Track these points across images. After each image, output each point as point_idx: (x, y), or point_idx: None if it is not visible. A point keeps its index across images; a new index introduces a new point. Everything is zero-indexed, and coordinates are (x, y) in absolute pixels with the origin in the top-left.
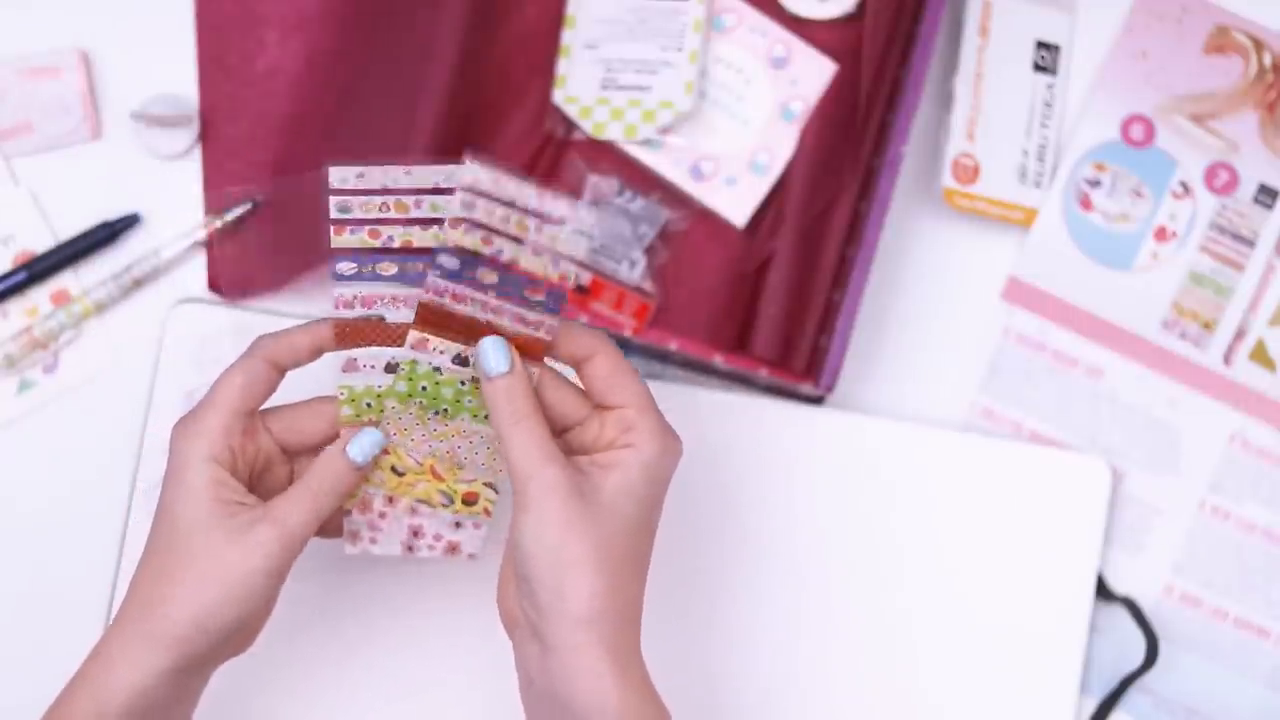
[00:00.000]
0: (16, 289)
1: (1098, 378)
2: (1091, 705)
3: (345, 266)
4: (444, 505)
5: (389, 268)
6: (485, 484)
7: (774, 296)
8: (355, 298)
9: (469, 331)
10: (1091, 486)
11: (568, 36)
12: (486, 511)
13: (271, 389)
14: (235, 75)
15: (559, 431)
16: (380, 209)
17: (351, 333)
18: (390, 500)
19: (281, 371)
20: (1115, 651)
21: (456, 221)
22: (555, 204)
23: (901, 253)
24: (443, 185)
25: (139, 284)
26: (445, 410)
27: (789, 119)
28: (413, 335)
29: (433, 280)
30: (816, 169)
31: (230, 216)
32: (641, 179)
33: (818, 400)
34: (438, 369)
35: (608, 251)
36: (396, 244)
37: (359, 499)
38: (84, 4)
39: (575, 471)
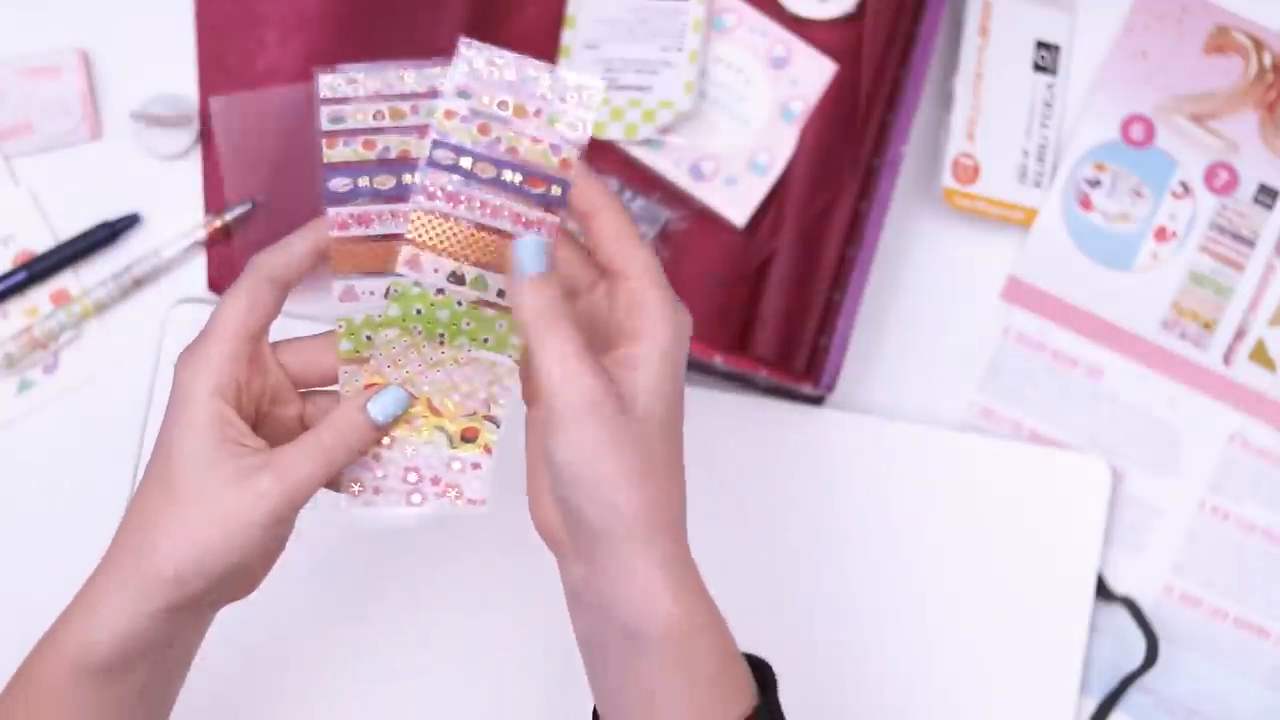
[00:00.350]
0: (16, 289)
1: (1098, 378)
2: (1092, 705)
3: (339, 183)
4: (442, 443)
5: (386, 181)
6: (485, 417)
7: (774, 296)
8: (351, 216)
9: (465, 246)
10: (1091, 486)
11: (568, 36)
12: (486, 449)
13: (276, 309)
14: (235, 75)
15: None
16: (375, 117)
17: (348, 256)
18: (383, 443)
19: (283, 287)
20: (1115, 651)
21: (450, 114)
22: (557, 82)
23: (901, 253)
24: (442, 88)
25: (139, 284)
26: (442, 336)
27: (789, 119)
28: (405, 251)
29: (425, 178)
30: (816, 169)
31: (230, 216)
32: (641, 179)
33: (818, 400)
34: (440, 290)
35: None
36: (394, 154)
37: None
38: (84, 4)
39: (608, 380)
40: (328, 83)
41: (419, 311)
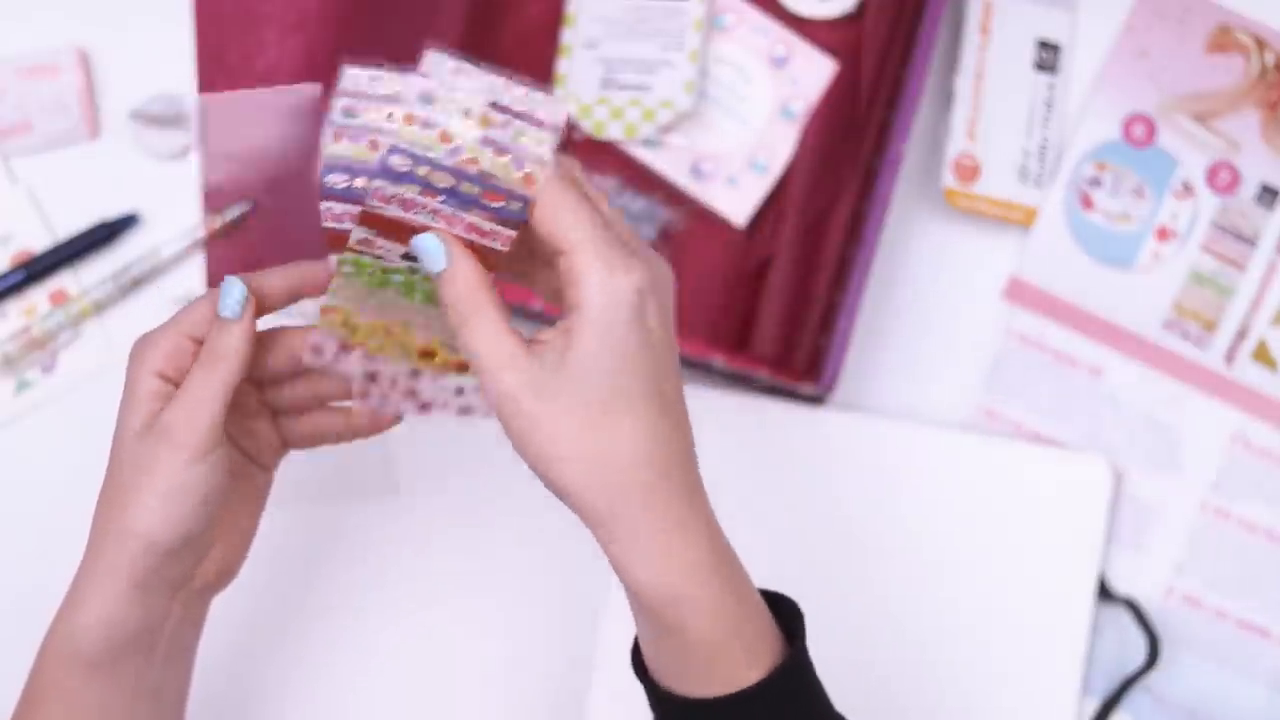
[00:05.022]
0: (15, 289)
1: (1099, 377)
2: (1093, 706)
3: (336, 178)
4: (402, 358)
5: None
6: (442, 343)
7: (774, 296)
8: (345, 213)
9: (414, 233)
10: (1093, 486)
11: (568, 36)
12: (458, 367)
13: None
14: (234, 75)
15: (551, 257)
16: (388, 119)
17: (369, 220)
18: (373, 357)
19: (252, 309)
20: (1117, 652)
21: (410, 118)
22: (527, 97)
23: (902, 253)
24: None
25: (137, 284)
26: (405, 300)
27: (789, 118)
28: (356, 233)
29: (380, 184)
30: (817, 169)
31: (229, 216)
32: (641, 179)
33: (818, 400)
34: (385, 269)
35: None
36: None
37: (351, 351)
38: (83, 3)
39: (534, 361)
40: (351, 78)
41: (371, 274)
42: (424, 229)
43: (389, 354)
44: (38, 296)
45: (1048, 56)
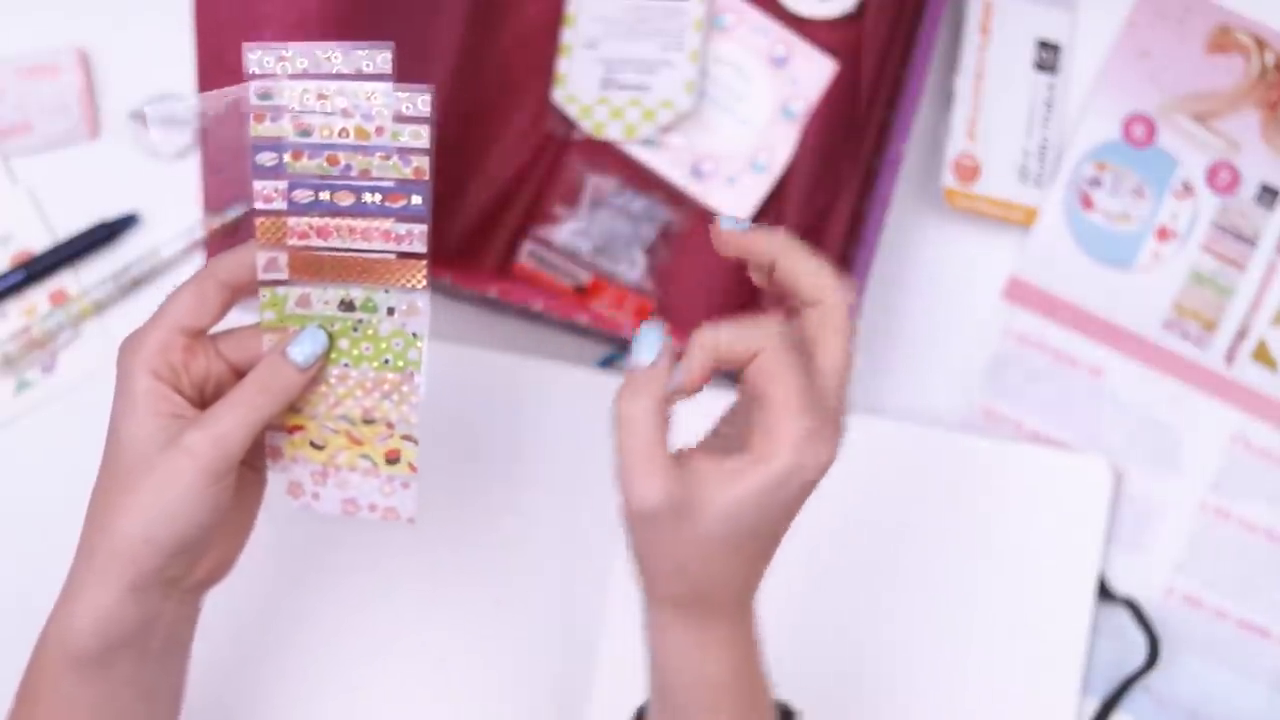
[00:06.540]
0: (15, 289)
1: (1099, 377)
2: (1093, 705)
3: (266, 157)
4: (368, 471)
5: (346, 197)
6: (403, 437)
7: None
8: (277, 190)
9: (343, 270)
10: (1093, 486)
11: (568, 36)
12: (411, 467)
13: (221, 308)
14: (235, 75)
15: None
16: (303, 98)
17: (272, 231)
18: (318, 478)
19: (231, 290)
20: (1117, 652)
21: (298, 154)
22: (388, 99)
23: (902, 253)
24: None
25: (137, 284)
26: (347, 365)
27: (789, 118)
28: (294, 293)
29: (294, 222)
30: (816, 169)
31: (229, 216)
32: (641, 179)
33: None
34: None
35: (608, 251)
36: (355, 172)
37: (289, 485)
38: (83, 4)
39: (677, 488)
40: (255, 59)
41: (286, 313)
42: (349, 258)
43: (356, 467)
44: (38, 296)
45: (1048, 56)
